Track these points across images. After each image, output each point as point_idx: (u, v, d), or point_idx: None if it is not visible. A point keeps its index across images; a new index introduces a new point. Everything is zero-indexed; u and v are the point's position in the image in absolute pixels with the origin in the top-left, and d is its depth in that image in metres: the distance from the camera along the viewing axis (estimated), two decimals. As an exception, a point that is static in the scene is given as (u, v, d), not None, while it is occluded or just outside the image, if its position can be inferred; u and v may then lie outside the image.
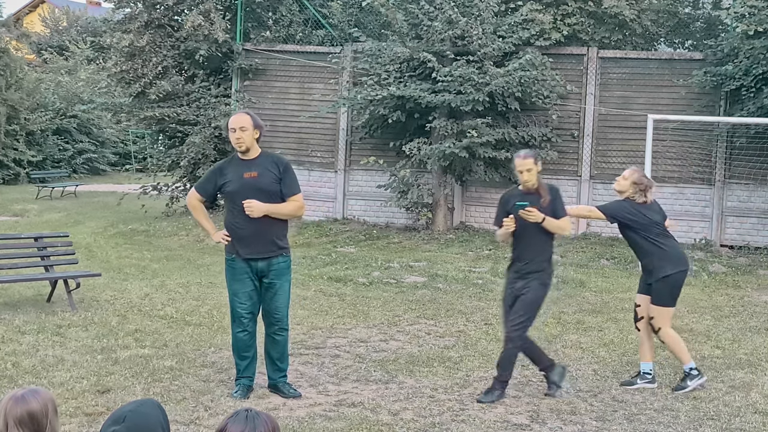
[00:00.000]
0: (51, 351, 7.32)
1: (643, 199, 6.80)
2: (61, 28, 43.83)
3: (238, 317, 6.29)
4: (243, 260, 6.23)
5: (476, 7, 14.68)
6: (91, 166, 31.00)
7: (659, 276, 6.74)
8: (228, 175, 6.25)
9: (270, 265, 6.23)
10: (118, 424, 2.67)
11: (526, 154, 6.52)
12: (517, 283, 6.41)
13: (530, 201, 6.35)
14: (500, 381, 6.35)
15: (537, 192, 6.42)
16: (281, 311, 6.29)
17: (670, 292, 6.78)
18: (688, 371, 6.76)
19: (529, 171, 6.39)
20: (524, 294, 6.32)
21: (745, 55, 13.87)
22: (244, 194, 6.12)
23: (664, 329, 6.77)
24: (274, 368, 6.38)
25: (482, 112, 14.43)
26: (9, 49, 27.74)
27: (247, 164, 6.22)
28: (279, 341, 6.35)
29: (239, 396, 6.24)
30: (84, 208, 20.52)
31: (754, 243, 14.83)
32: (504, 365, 6.34)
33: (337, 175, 16.88)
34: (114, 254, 13.64)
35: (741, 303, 10.65)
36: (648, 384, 6.77)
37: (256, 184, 6.13)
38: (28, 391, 2.90)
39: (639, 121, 14.78)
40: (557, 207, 6.40)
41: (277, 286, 6.25)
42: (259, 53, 17.34)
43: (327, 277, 11.65)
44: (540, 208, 6.31)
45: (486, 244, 14.59)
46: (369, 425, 5.68)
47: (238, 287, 6.26)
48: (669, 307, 6.81)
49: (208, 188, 6.42)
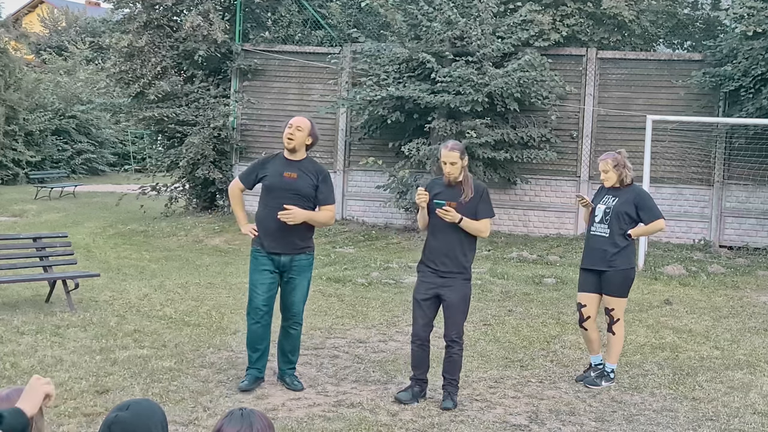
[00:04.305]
0: (49, 351, 7.32)
1: (631, 176, 6.82)
2: (60, 29, 43.81)
3: (255, 308, 6.44)
4: (267, 253, 6.35)
5: (475, 8, 14.69)
6: (90, 166, 30.99)
7: (628, 266, 6.74)
8: (269, 169, 6.44)
9: (292, 261, 6.36)
10: (122, 411, 2.70)
11: (453, 145, 6.18)
12: (436, 281, 6.14)
13: (450, 195, 6.13)
14: (453, 384, 6.23)
15: (460, 186, 6.19)
16: (297, 306, 6.45)
17: (631, 283, 6.86)
18: (608, 371, 6.82)
19: (453, 164, 6.09)
20: (451, 296, 6.09)
21: (744, 56, 13.88)
22: (279, 192, 6.29)
23: (621, 321, 6.81)
24: (284, 360, 6.54)
25: (481, 113, 14.44)
26: (8, 49, 27.73)
27: (290, 164, 6.37)
28: (293, 335, 6.53)
29: (245, 385, 6.39)
30: (83, 209, 20.51)
31: (753, 244, 14.84)
32: (454, 370, 6.21)
33: (336, 176, 16.88)
34: (113, 255, 13.63)
35: (740, 304, 10.65)
36: (607, 382, 6.81)
37: (294, 185, 6.28)
38: (12, 390, 2.89)
39: (638, 121, 14.79)
40: (481, 208, 6.17)
41: (297, 282, 6.40)
42: (258, 54, 17.34)
43: (326, 277, 11.64)
44: (459, 205, 6.10)
45: (485, 244, 14.58)
46: (368, 426, 5.67)
47: (258, 278, 6.40)
48: (626, 297, 6.87)
49: (250, 178, 6.58)
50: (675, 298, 10.80)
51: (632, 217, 6.73)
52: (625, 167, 6.79)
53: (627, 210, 6.71)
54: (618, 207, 6.72)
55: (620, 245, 6.70)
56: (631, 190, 6.80)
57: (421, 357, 6.29)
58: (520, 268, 12.64)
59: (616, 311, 6.78)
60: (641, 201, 6.75)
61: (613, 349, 6.85)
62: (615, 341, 6.84)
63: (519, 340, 8.29)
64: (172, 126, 17.55)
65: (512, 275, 12.06)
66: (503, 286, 11.34)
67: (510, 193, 15.92)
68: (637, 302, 10.47)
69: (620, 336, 6.84)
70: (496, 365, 7.36)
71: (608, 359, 6.86)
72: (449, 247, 6.13)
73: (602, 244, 6.74)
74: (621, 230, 6.70)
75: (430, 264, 6.21)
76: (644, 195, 6.87)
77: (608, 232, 6.72)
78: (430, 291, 6.17)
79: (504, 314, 9.60)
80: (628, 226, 6.72)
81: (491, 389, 6.64)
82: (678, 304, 10.42)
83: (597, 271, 6.78)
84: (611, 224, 6.71)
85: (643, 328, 8.95)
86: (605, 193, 6.88)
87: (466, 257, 6.16)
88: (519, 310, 9.88)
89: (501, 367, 7.31)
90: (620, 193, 6.79)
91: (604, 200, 6.83)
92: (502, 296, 10.76)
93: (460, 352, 6.21)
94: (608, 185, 6.85)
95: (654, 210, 6.76)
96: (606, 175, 6.82)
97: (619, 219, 6.71)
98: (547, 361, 7.52)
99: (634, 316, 9.57)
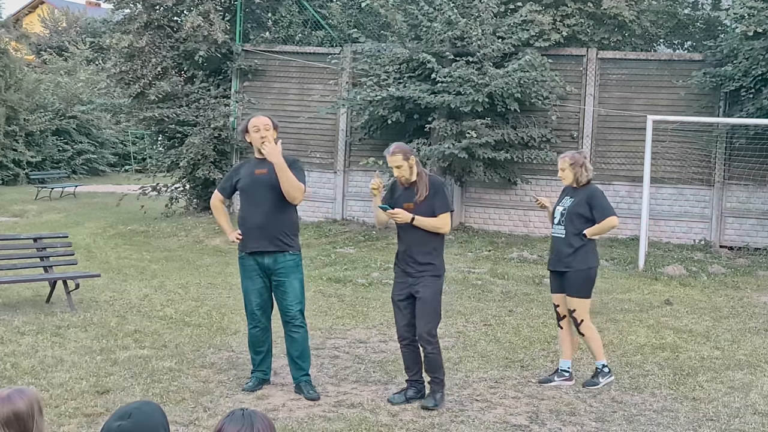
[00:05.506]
0: (50, 352, 7.32)
1: (588, 176, 6.81)
2: (60, 29, 43.79)
3: (250, 313, 6.51)
4: (251, 257, 6.39)
5: (476, 8, 14.69)
6: (91, 166, 30.99)
7: (585, 266, 6.73)
8: (242, 172, 6.56)
9: (276, 263, 6.36)
10: (124, 420, 2.69)
11: (394, 149, 6.13)
12: (408, 280, 6.17)
13: (408, 195, 6.15)
14: (437, 382, 6.18)
15: (415, 186, 6.16)
16: (292, 309, 6.40)
17: (592, 283, 6.84)
18: (600, 368, 6.82)
19: (399, 167, 6.10)
20: (421, 293, 6.09)
21: (745, 56, 13.87)
22: (253, 188, 6.39)
23: (587, 322, 6.79)
24: (295, 367, 6.47)
25: (482, 113, 14.43)
26: (8, 49, 27.74)
27: (261, 163, 6.43)
28: (296, 338, 6.45)
29: (250, 387, 6.41)
30: (83, 209, 20.52)
31: (753, 244, 14.84)
32: (434, 368, 6.15)
33: (337, 176, 16.89)
34: (113, 255, 13.63)
35: (740, 304, 10.65)
36: (565, 381, 6.82)
37: (265, 179, 6.34)
38: (13, 391, 2.89)
39: (638, 122, 14.79)
40: (436, 203, 6.09)
41: (286, 284, 6.38)
42: (259, 54, 17.34)
43: (326, 277, 11.65)
44: (415, 204, 6.09)
45: (485, 245, 14.59)
46: (368, 426, 5.68)
47: (248, 284, 6.47)
48: (588, 297, 6.84)
49: (227, 187, 6.71)
50: (675, 298, 10.80)
51: (586, 216, 6.73)
52: (582, 167, 6.80)
53: (580, 210, 6.73)
54: (572, 208, 6.75)
55: (575, 245, 6.71)
56: (585, 191, 6.81)
57: (410, 357, 6.29)
58: (521, 269, 12.64)
59: (578, 312, 6.77)
60: (593, 200, 6.75)
61: (593, 347, 6.86)
62: (589, 341, 6.85)
63: (519, 341, 8.29)
64: (172, 126, 17.56)
65: (513, 275, 12.06)
66: (504, 286, 11.35)
67: (510, 193, 15.92)
68: (638, 302, 10.48)
69: (591, 335, 6.83)
70: (497, 365, 7.36)
71: (595, 358, 6.88)
72: (411, 247, 6.16)
73: (559, 245, 6.80)
74: (576, 230, 6.71)
75: (400, 264, 6.27)
76: (596, 194, 6.84)
77: (564, 233, 6.76)
78: (404, 291, 6.21)
79: (504, 314, 9.61)
80: (583, 226, 6.72)
81: (492, 389, 6.64)
82: (678, 305, 10.42)
83: (559, 272, 6.83)
84: (566, 225, 6.75)
85: (643, 329, 8.95)
86: (565, 194, 6.94)
87: (431, 254, 6.14)
88: (519, 310, 9.89)
89: (501, 367, 7.32)
90: (576, 194, 6.82)
91: (563, 201, 6.88)
92: (503, 296, 10.76)
93: (434, 351, 6.12)
94: (565, 184, 6.90)
95: (605, 208, 6.75)
96: (562, 174, 6.86)
97: (572, 220, 6.73)
98: (548, 361, 7.52)
99: (635, 316, 9.58)
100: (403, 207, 6.14)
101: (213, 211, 6.85)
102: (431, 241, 6.15)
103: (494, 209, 16.19)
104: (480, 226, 16.09)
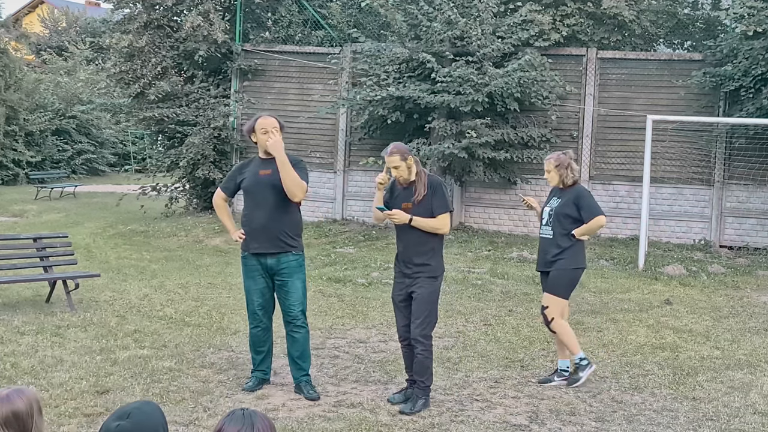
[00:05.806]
0: (50, 352, 7.32)
1: (574, 177, 6.80)
2: (60, 29, 43.80)
3: (252, 313, 6.53)
4: (254, 257, 6.40)
5: (475, 8, 14.69)
6: (90, 166, 31.00)
7: (570, 266, 6.71)
8: (246, 172, 6.55)
9: (279, 263, 6.36)
10: (123, 420, 2.69)
11: (392, 149, 6.10)
12: (405, 281, 6.18)
13: (407, 195, 6.14)
14: (421, 388, 6.13)
15: (413, 186, 6.14)
16: (294, 309, 6.40)
17: (574, 285, 6.83)
18: (578, 362, 6.80)
19: (397, 168, 6.07)
20: (417, 293, 6.09)
21: (744, 56, 13.88)
22: (257, 188, 6.40)
23: (557, 320, 6.77)
24: (296, 367, 6.47)
25: (481, 113, 14.44)
26: (8, 49, 27.73)
27: (265, 163, 6.44)
28: (297, 339, 6.45)
29: (250, 386, 6.43)
30: (83, 209, 20.52)
31: (753, 243, 14.84)
32: (421, 371, 6.11)
33: (337, 176, 16.89)
34: (113, 255, 13.63)
35: (740, 304, 10.65)
36: (565, 381, 6.81)
37: (268, 179, 6.34)
38: (12, 391, 2.88)
39: (638, 121, 14.80)
40: (435, 204, 6.07)
41: (289, 284, 6.38)
42: (259, 54, 17.34)
43: (326, 277, 11.65)
44: (413, 204, 6.09)
45: (485, 244, 14.59)
46: (368, 426, 5.67)
47: (251, 284, 6.48)
48: (565, 298, 6.82)
49: (230, 186, 6.69)
50: (675, 298, 10.80)
51: (574, 217, 6.72)
52: (567, 168, 6.80)
53: (567, 211, 6.72)
54: (559, 209, 6.75)
55: (563, 246, 6.71)
56: (572, 191, 6.81)
57: (410, 357, 6.28)
58: (521, 268, 12.64)
59: (550, 309, 6.75)
60: (580, 200, 6.75)
61: (566, 342, 6.80)
62: (562, 336, 6.80)
63: (519, 340, 8.30)
64: (172, 126, 17.56)
65: (512, 275, 12.06)
66: (503, 286, 11.35)
67: (510, 193, 15.92)
68: (637, 302, 10.48)
69: (563, 331, 6.78)
70: (497, 365, 7.36)
71: (572, 353, 6.84)
72: (409, 247, 6.17)
73: (546, 246, 6.80)
74: (564, 231, 6.71)
75: (399, 265, 6.29)
76: (583, 194, 6.84)
77: (552, 234, 6.76)
78: (403, 291, 6.22)
79: (504, 314, 9.61)
80: (571, 226, 6.71)
81: (491, 389, 6.64)
82: (678, 304, 10.42)
83: (547, 272, 6.83)
84: (554, 226, 6.75)
85: (643, 328, 8.95)
86: (553, 195, 6.94)
87: (427, 255, 6.13)
88: (519, 310, 9.88)
89: (501, 367, 7.32)
90: (563, 195, 6.83)
91: (550, 202, 6.89)
92: (503, 296, 10.76)
93: (425, 353, 6.09)
94: (552, 185, 6.92)
95: (593, 208, 6.75)
96: (548, 175, 6.89)
97: (560, 220, 6.72)
98: (548, 361, 7.52)
99: (635, 316, 9.58)
100: (401, 207, 6.14)
101: (216, 209, 6.85)
102: (430, 241, 6.14)
103: (494, 209, 16.19)
104: (480, 226, 16.09)
